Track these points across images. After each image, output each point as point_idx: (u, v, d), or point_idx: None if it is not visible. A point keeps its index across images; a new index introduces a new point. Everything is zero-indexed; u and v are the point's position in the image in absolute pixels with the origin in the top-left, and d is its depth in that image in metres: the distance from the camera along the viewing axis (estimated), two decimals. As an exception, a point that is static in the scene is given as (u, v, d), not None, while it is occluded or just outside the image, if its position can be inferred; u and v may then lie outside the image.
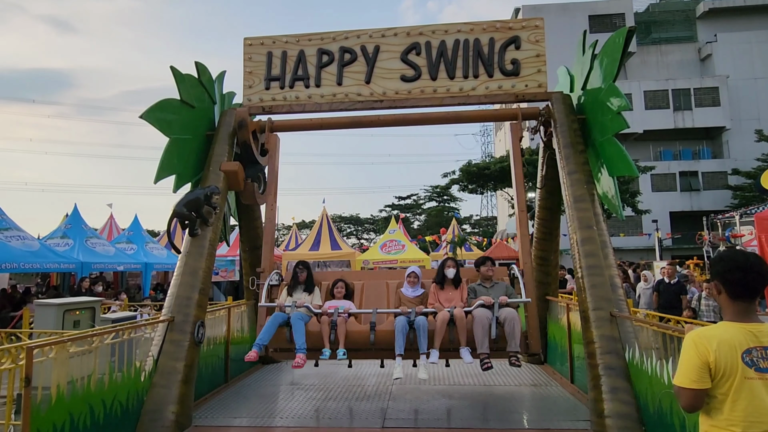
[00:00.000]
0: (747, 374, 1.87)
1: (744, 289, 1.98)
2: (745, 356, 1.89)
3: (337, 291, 5.66)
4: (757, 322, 1.98)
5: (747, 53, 34.36)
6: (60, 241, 13.35)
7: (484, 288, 5.36)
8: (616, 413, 4.34)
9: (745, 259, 2.02)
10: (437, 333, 4.90)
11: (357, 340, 5.07)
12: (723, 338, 1.93)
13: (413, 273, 5.60)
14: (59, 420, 3.62)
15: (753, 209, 16.27)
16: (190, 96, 6.12)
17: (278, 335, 5.15)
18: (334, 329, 5.04)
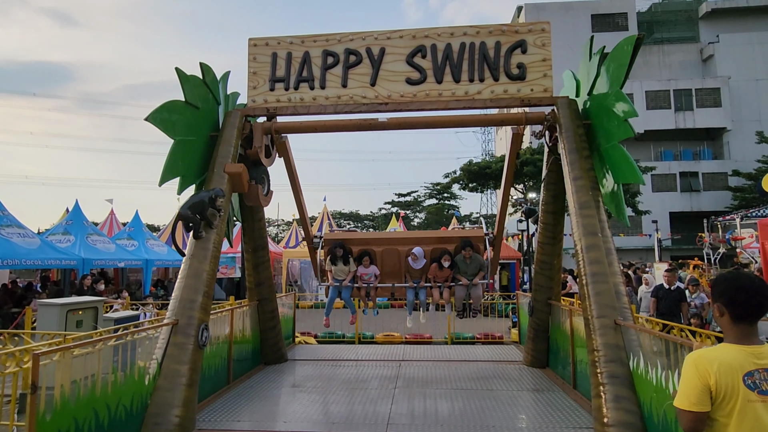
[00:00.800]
0: (749, 397, 1.84)
1: (747, 312, 1.96)
2: (746, 379, 1.86)
3: (365, 261, 7.84)
4: (759, 344, 1.96)
5: (749, 54, 34.31)
6: (61, 238, 13.34)
7: (465, 263, 7.70)
8: (619, 422, 4.34)
9: (750, 282, 2.00)
10: (434, 301, 7.99)
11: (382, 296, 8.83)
12: (724, 360, 1.90)
13: (413, 254, 7.72)
14: (64, 425, 3.61)
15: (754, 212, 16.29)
16: (195, 97, 6.10)
17: None
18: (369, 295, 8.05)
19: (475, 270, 7.69)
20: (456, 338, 10.35)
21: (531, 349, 7.64)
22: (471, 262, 7.68)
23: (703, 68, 36.22)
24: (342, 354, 8.64)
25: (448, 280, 7.73)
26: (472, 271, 7.68)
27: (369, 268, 7.85)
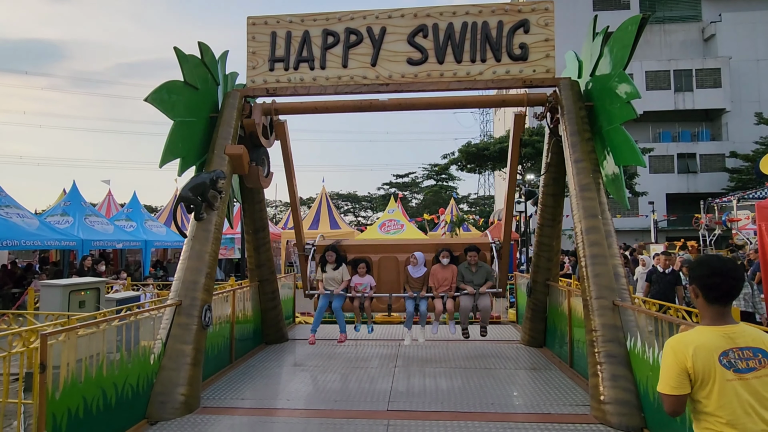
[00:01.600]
0: (726, 376, 1.91)
1: (719, 294, 2.03)
2: (722, 359, 1.93)
3: (360, 269, 7.04)
4: (732, 324, 2.03)
5: (750, 34, 33.96)
6: (60, 219, 13.32)
7: (470, 272, 6.91)
8: (615, 400, 4.46)
9: (722, 265, 2.06)
10: (436, 314, 6.86)
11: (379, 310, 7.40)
12: (699, 342, 1.97)
13: (413, 258, 7.02)
14: (73, 404, 3.69)
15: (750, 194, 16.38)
16: (194, 77, 6.02)
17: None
18: (363, 308, 7.03)
19: (482, 279, 6.82)
20: (455, 318, 10.46)
21: (528, 328, 7.76)
22: (477, 271, 6.86)
23: (704, 48, 35.87)
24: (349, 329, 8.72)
25: (451, 290, 6.82)
26: (479, 280, 6.82)
27: (364, 277, 7.02)
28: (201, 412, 4.87)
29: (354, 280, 7.03)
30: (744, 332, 2.00)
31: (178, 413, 4.69)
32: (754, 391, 1.89)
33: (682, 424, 3.69)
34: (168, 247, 18.74)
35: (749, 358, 1.93)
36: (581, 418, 4.61)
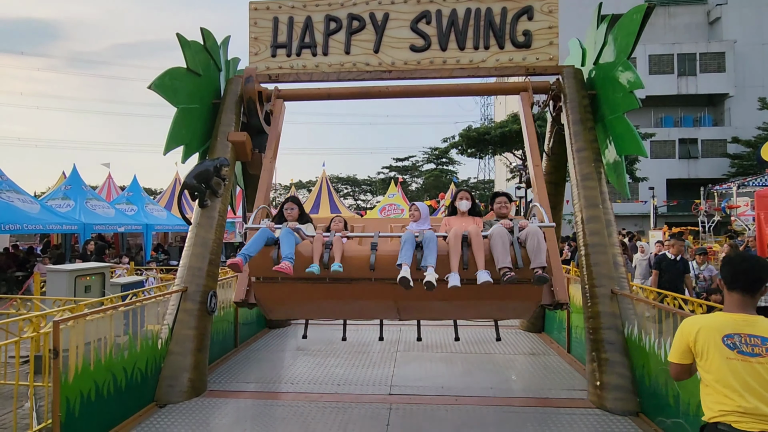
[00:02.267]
0: (728, 355, 2.14)
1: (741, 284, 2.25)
2: (726, 339, 2.17)
3: (334, 225, 4.99)
4: (750, 314, 2.23)
5: (756, 17, 33.48)
6: (61, 202, 13.36)
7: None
8: (612, 385, 4.58)
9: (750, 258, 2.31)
10: (452, 253, 4.09)
11: (355, 265, 4.22)
12: (706, 324, 2.25)
13: (414, 205, 4.91)
14: (85, 387, 3.79)
15: (750, 180, 16.40)
16: (196, 63, 6.00)
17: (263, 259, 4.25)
18: (329, 249, 4.25)
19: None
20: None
21: (527, 314, 7.87)
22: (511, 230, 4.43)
23: (709, 31, 35.41)
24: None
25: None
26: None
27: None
28: (208, 395, 4.99)
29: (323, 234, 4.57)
30: (757, 323, 2.20)
31: (185, 396, 4.81)
32: (755, 373, 2.10)
33: (676, 408, 3.81)
34: (169, 230, 18.81)
35: (756, 345, 2.13)
36: (578, 403, 4.74)
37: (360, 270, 4.23)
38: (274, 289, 4.55)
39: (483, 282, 3.91)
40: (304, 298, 4.71)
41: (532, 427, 4.22)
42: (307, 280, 4.31)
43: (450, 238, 4.16)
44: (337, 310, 5.22)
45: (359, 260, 4.23)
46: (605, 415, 4.44)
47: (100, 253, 12.05)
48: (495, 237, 4.10)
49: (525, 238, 4.13)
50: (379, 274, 4.21)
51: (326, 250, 4.23)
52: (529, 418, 4.41)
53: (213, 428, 4.27)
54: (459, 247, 4.11)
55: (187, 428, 4.20)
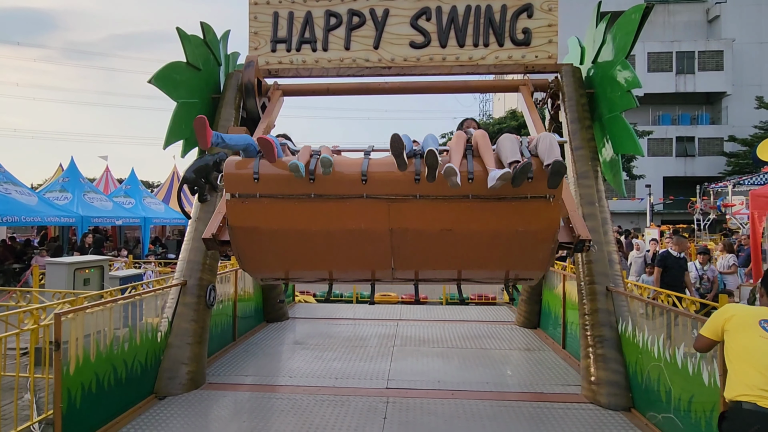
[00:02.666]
0: (761, 334, 2.43)
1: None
2: (762, 323, 2.47)
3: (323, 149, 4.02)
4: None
5: (755, 16, 33.54)
6: (59, 195, 13.35)
7: None
8: (605, 381, 4.66)
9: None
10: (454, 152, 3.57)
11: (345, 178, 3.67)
12: (746, 310, 2.57)
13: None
14: (86, 379, 3.84)
15: (746, 179, 16.51)
16: (196, 58, 6.01)
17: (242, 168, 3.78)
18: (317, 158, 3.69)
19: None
20: (450, 299, 10.69)
21: (523, 310, 7.95)
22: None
23: (708, 29, 35.45)
24: (340, 313, 8.94)
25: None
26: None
27: None
28: (207, 387, 5.05)
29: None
30: None
31: (185, 389, 4.87)
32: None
33: (668, 403, 3.88)
34: (167, 224, 18.81)
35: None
36: (572, 398, 4.81)
37: (351, 184, 3.64)
38: (252, 208, 3.82)
39: (497, 180, 3.29)
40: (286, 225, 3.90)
41: (526, 421, 4.29)
42: (290, 199, 3.73)
43: (452, 141, 3.67)
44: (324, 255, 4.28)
45: (350, 170, 3.66)
46: (598, 409, 4.51)
47: (98, 246, 12.06)
48: (503, 139, 3.63)
49: (536, 144, 3.58)
50: (372, 188, 3.64)
51: (313, 159, 3.68)
52: (523, 412, 4.48)
53: (212, 420, 4.32)
54: (462, 149, 3.59)
55: (186, 420, 4.26)
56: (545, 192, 3.47)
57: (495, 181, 3.31)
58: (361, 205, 3.69)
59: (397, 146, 3.36)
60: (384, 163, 3.64)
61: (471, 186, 3.50)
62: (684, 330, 3.81)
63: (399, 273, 4.36)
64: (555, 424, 4.23)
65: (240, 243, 4.08)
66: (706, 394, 3.38)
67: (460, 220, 3.60)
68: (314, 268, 4.64)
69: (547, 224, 3.69)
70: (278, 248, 4.16)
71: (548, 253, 4.01)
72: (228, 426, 4.19)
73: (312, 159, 3.67)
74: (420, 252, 4.08)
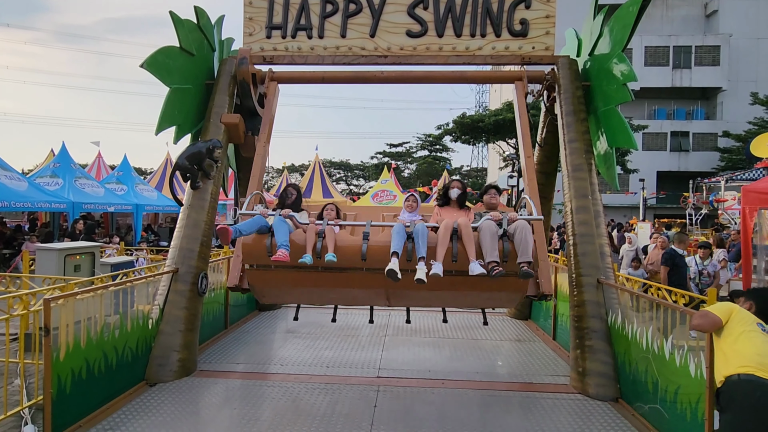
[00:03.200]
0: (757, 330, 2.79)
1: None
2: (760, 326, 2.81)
3: (326, 213, 4.87)
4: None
5: (752, 11, 33.52)
6: (50, 180, 13.20)
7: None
8: (594, 371, 4.71)
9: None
10: (440, 243, 4.18)
11: (347, 255, 4.32)
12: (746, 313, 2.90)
13: (412, 196, 5.03)
14: (76, 365, 3.82)
15: (739, 175, 16.63)
16: (189, 43, 5.92)
17: (256, 246, 4.42)
18: (322, 238, 4.34)
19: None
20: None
21: (515, 302, 8.00)
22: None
23: (705, 24, 35.41)
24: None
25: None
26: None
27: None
28: (198, 375, 5.05)
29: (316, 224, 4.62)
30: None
31: (175, 376, 4.87)
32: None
33: (654, 394, 3.93)
34: (159, 211, 18.67)
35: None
36: (561, 388, 4.87)
37: (352, 259, 4.36)
38: (268, 275, 4.70)
39: (476, 273, 4.03)
40: (297, 285, 4.82)
41: (515, 410, 4.34)
42: (300, 269, 4.44)
43: (440, 230, 4.27)
44: (328, 297, 5.38)
45: (351, 250, 4.35)
46: (586, 400, 4.57)
47: (89, 233, 11.96)
48: (484, 230, 4.25)
49: (513, 231, 4.27)
50: (370, 263, 4.34)
51: (319, 239, 4.33)
52: (512, 401, 4.53)
53: (202, 407, 4.34)
54: (448, 239, 4.24)
55: (177, 407, 4.27)
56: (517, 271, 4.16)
57: (475, 273, 4.08)
58: (361, 274, 4.54)
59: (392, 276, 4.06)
60: (380, 247, 4.30)
61: (456, 265, 4.25)
62: (672, 322, 3.85)
63: (393, 304, 5.40)
64: (543, 413, 4.28)
65: (258, 292, 5.12)
66: (692, 385, 3.43)
67: (447, 284, 4.30)
68: (321, 303, 6.76)
69: (518, 290, 4.61)
70: (290, 294, 5.30)
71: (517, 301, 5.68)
72: (218, 413, 4.21)
73: (318, 240, 4.36)
74: (412, 300, 5.39)
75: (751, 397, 2.57)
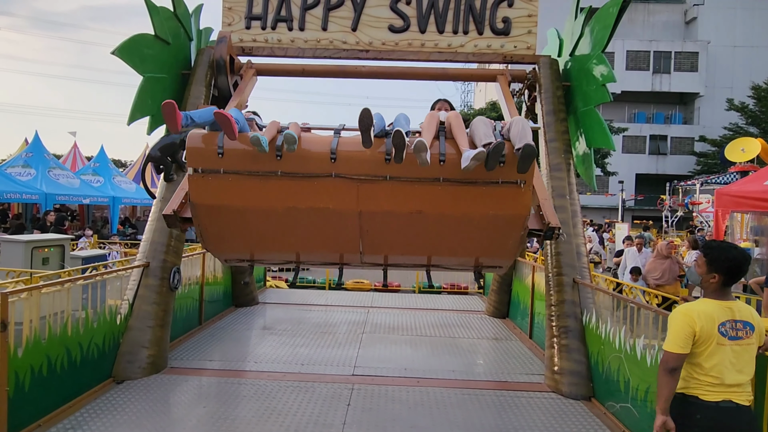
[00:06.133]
0: (721, 341, 2.40)
1: (738, 278, 2.53)
2: (720, 327, 2.41)
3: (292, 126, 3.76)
4: (731, 299, 2.50)
5: (730, 19, 34.37)
6: (21, 170, 12.80)
7: None
8: (567, 370, 4.73)
9: (743, 254, 2.51)
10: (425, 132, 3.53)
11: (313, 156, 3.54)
12: (705, 312, 2.43)
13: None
14: (36, 362, 3.68)
15: (714, 179, 17.01)
16: (165, 31, 5.76)
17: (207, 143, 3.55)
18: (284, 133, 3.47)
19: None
20: (423, 287, 10.74)
21: (494, 300, 8.03)
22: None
23: (685, 31, 36.18)
24: (312, 299, 8.86)
25: None
26: None
27: None
28: (168, 372, 4.93)
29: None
30: (741, 308, 2.49)
31: (144, 373, 4.74)
32: (736, 355, 2.40)
33: (626, 393, 3.96)
34: (137, 204, 18.29)
35: (740, 329, 2.43)
36: (535, 386, 4.88)
37: (320, 162, 3.52)
38: (216, 185, 3.62)
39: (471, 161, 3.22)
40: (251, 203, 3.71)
41: (489, 408, 4.33)
42: (256, 176, 3.57)
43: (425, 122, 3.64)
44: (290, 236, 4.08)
45: (319, 148, 3.54)
46: (560, 398, 4.59)
47: (59, 224, 11.62)
48: (477, 121, 3.58)
49: (509, 128, 3.53)
50: (341, 168, 3.52)
51: (280, 136, 3.50)
52: (487, 400, 4.52)
53: (172, 404, 4.22)
54: (434, 131, 3.54)
55: (145, 404, 4.15)
56: (516, 177, 3.44)
57: (469, 161, 3.24)
58: (330, 184, 3.55)
59: (365, 121, 3.24)
60: (355, 142, 3.49)
61: (442, 169, 3.44)
62: (646, 322, 3.88)
63: (367, 257, 4.26)
64: (517, 411, 4.28)
65: (202, 220, 3.87)
66: (662, 385, 3.45)
67: (431, 203, 3.54)
68: (280, 249, 4.39)
69: (518, 210, 3.62)
70: (242, 227, 3.97)
71: (518, 240, 3.93)
72: (188, 411, 4.10)
73: (279, 135, 3.50)
74: (389, 235, 3.96)
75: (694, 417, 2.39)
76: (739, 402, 2.38)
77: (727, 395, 2.38)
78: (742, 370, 2.41)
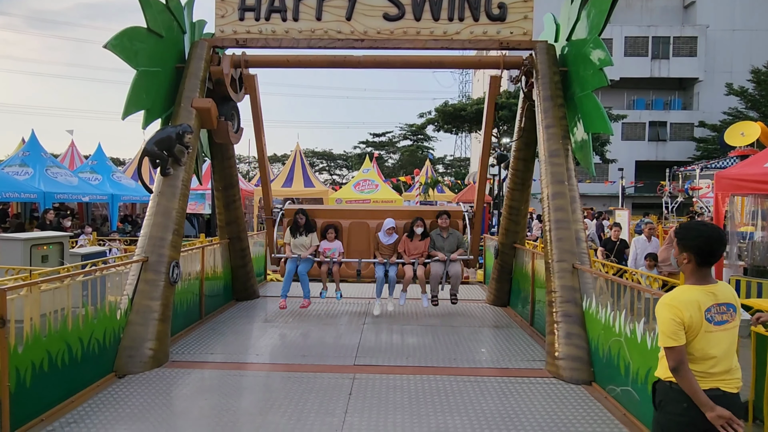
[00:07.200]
0: (707, 328, 2.29)
1: (714, 259, 2.34)
2: (707, 314, 2.29)
3: (329, 235, 7.05)
4: (713, 283, 2.36)
5: (729, 3, 34.08)
6: (19, 170, 12.75)
7: (441, 238, 6.94)
8: (568, 356, 4.74)
9: (717, 232, 2.36)
10: (405, 283, 6.82)
11: (347, 276, 7.47)
12: (689, 299, 2.30)
13: (391, 228, 6.98)
14: (37, 358, 3.68)
15: (713, 163, 16.96)
16: (158, 24, 5.71)
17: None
18: (330, 274, 6.90)
19: (453, 246, 6.87)
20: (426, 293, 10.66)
21: (494, 288, 8.03)
22: (448, 237, 6.91)
23: (683, 15, 35.90)
24: (313, 291, 8.83)
25: (423, 257, 6.83)
26: (450, 247, 6.86)
27: (333, 243, 7.00)
28: (170, 366, 4.93)
29: (322, 246, 7.00)
30: (723, 290, 2.37)
31: (146, 367, 4.74)
32: (722, 340, 2.30)
33: (626, 377, 3.97)
34: (137, 201, 18.23)
35: (724, 312, 2.32)
36: (536, 372, 4.89)
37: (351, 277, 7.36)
38: None
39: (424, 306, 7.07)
40: None
41: (490, 395, 4.34)
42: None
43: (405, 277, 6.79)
44: None
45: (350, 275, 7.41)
46: (561, 384, 4.60)
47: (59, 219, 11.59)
48: (432, 277, 6.85)
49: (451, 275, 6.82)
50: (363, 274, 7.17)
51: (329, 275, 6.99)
52: (488, 387, 4.52)
53: (174, 398, 4.23)
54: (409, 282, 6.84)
55: (146, 398, 4.15)
56: None
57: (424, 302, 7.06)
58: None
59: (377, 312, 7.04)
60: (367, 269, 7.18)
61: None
62: (646, 306, 3.87)
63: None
64: (518, 397, 4.29)
65: None
66: (662, 367, 3.45)
67: None
68: None
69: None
70: None
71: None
72: (190, 404, 4.11)
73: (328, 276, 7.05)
74: None
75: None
76: (727, 390, 2.31)
77: (715, 383, 2.30)
78: (728, 355, 2.33)
